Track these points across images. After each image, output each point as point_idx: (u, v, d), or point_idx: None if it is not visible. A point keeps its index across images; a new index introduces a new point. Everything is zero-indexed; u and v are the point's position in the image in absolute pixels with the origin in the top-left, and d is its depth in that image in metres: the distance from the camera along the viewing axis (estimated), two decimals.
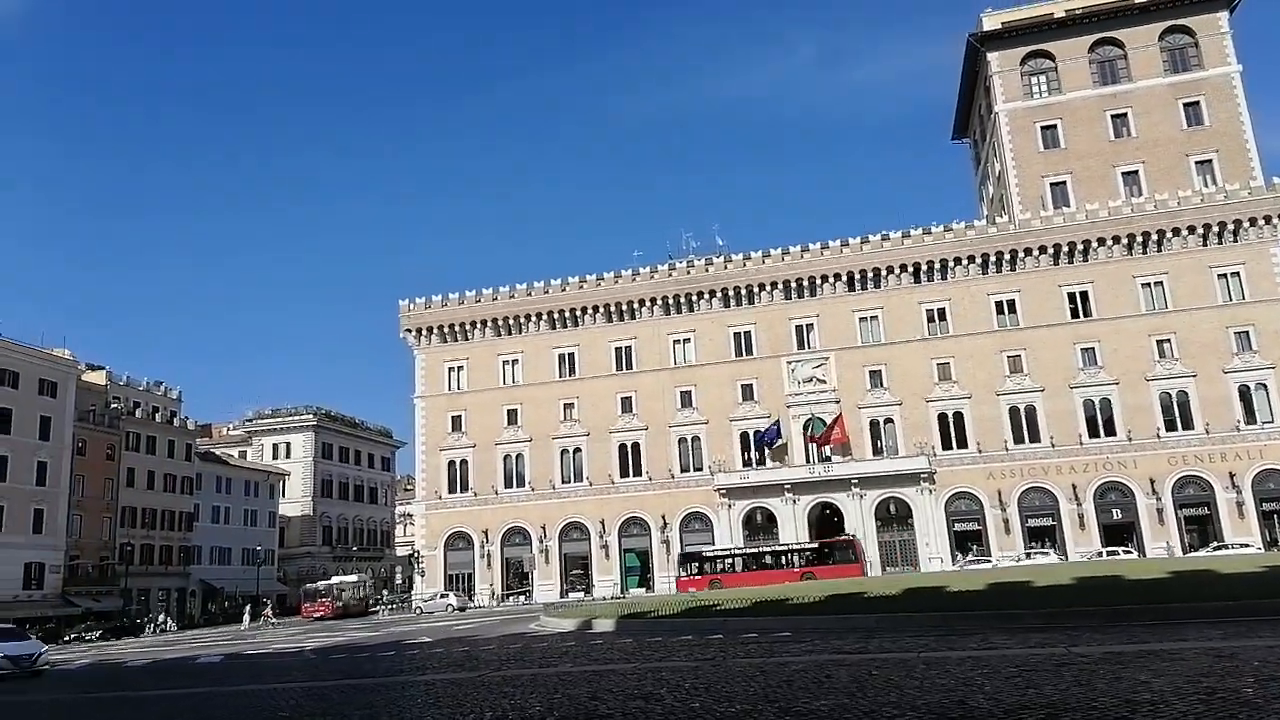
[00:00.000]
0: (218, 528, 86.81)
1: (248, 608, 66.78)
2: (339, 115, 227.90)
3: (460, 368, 72.80)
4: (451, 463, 71.22)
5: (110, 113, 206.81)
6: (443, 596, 62.75)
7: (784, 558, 55.13)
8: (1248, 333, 60.26)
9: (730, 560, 56.34)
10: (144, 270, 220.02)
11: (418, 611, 60.86)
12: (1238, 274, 61.40)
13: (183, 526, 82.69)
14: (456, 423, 71.65)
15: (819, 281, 67.21)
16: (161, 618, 67.21)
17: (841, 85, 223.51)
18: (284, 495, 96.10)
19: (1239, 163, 65.11)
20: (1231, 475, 58.31)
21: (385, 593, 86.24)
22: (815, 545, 56.69)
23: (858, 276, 66.67)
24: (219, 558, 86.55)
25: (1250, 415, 59.31)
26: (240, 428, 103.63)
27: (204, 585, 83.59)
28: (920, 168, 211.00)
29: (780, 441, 64.96)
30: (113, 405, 78.56)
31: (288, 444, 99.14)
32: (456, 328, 72.98)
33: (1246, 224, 61.42)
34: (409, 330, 73.67)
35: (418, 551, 72.46)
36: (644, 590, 63.71)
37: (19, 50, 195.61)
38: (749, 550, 58.12)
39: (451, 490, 70.82)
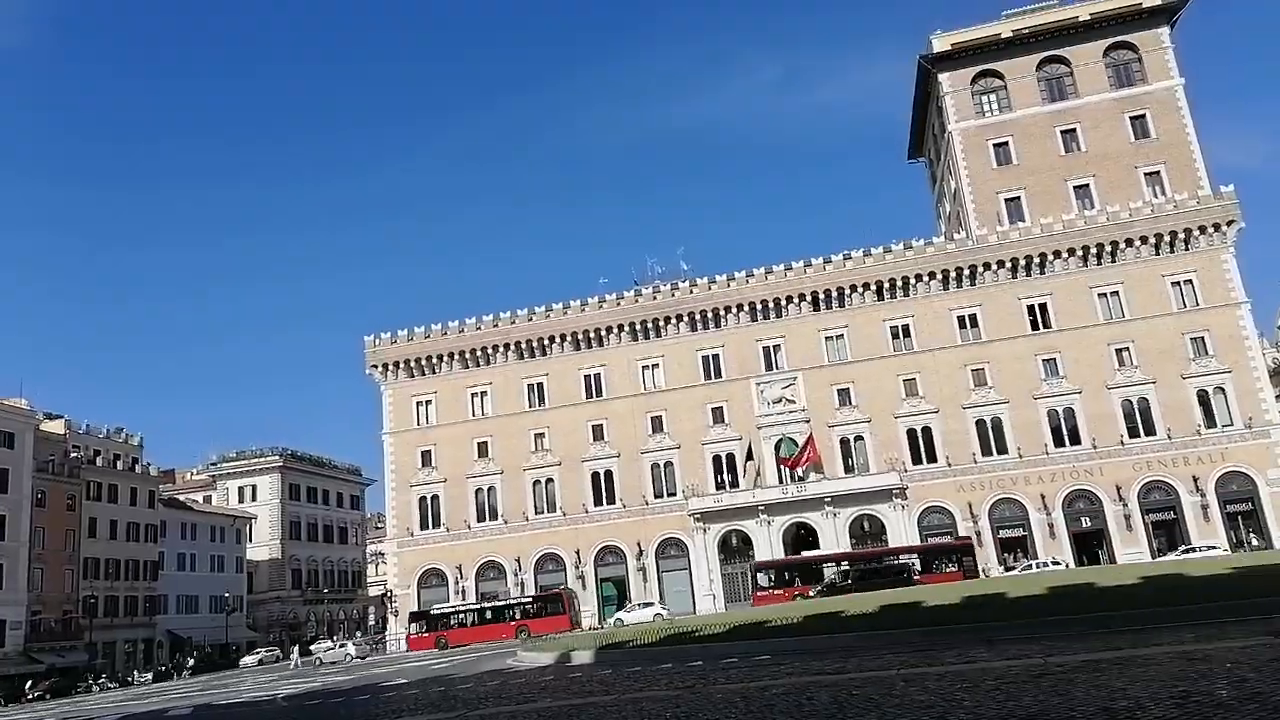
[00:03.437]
0: (184, 575, 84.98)
1: (296, 647, 66.41)
2: (285, 149, 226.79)
3: (429, 402, 72.18)
4: (423, 498, 70.38)
5: (60, 140, 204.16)
6: (341, 646, 63.05)
7: (503, 613, 58.57)
8: (1203, 338, 61.52)
9: (456, 616, 59.27)
10: (102, 311, 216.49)
11: (317, 663, 59.07)
12: (1190, 281, 62.76)
13: (147, 576, 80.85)
14: (426, 458, 70.91)
15: (784, 302, 67.69)
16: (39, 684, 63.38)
17: (802, 107, 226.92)
18: (251, 539, 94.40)
19: (1186, 173, 66.79)
20: (1195, 479, 59.25)
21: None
22: (529, 600, 59.84)
23: (822, 296, 67.26)
24: (186, 606, 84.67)
25: (1210, 419, 60.40)
26: (204, 472, 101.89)
27: (171, 636, 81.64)
28: (881, 186, 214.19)
29: (755, 465, 64.97)
30: (72, 455, 76.92)
31: (253, 486, 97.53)
32: (423, 362, 72.45)
33: (1197, 232, 62.91)
34: (375, 366, 73.00)
35: (390, 590, 71.35)
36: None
37: None
38: (472, 606, 61.47)
39: (423, 526, 69.93)
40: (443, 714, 16.62)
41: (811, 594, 51.13)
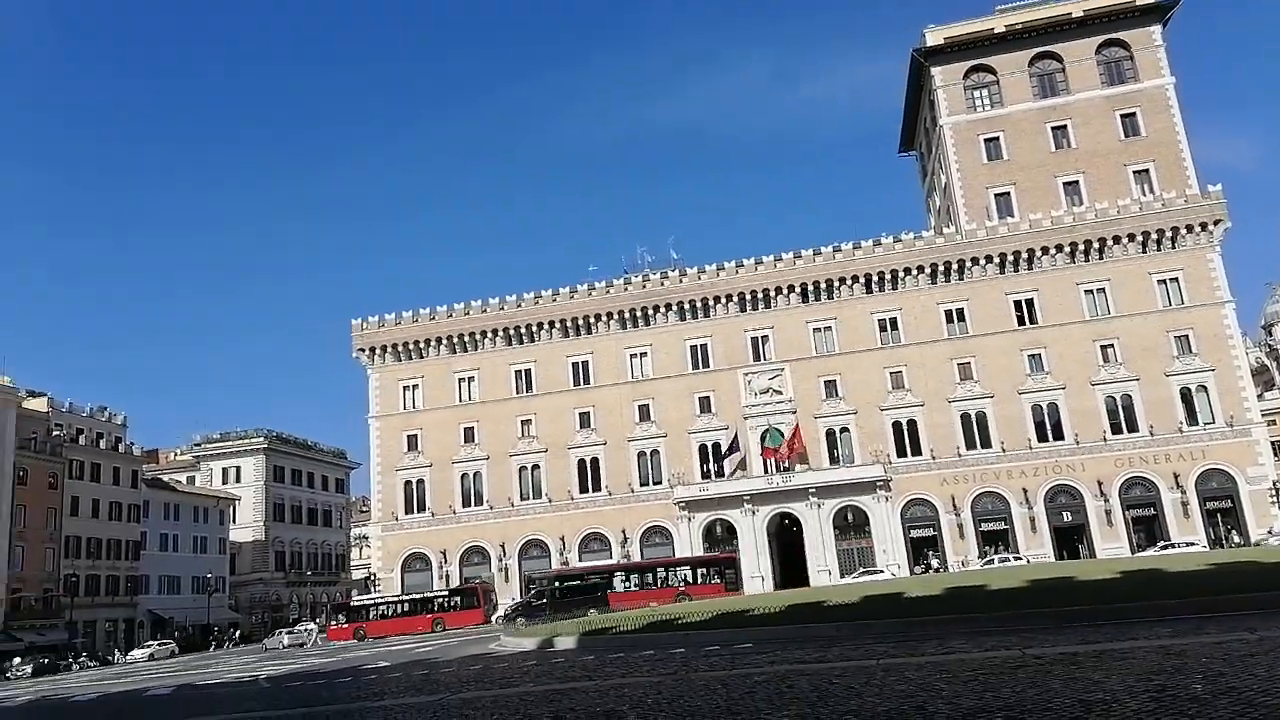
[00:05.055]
0: (166, 556, 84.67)
1: (314, 623, 68.83)
2: (279, 138, 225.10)
3: (415, 386, 72.00)
4: (408, 483, 70.28)
5: (48, 128, 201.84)
6: (278, 635, 64.10)
7: (420, 605, 58.71)
8: (1187, 336, 61.96)
9: (375, 608, 59.75)
10: (88, 295, 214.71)
11: (264, 649, 60.22)
12: (1176, 279, 63.14)
13: (129, 555, 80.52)
14: (412, 442, 70.79)
15: (773, 293, 67.74)
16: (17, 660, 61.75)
17: (795, 101, 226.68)
18: (234, 521, 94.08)
19: (1175, 172, 67.11)
20: (1175, 476, 59.78)
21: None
22: (446, 594, 60.02)
23: (811, 288, 67.32)
24: (168, 587, 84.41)
25: (1192, 417, 60.90)
26: (188, 452, 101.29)
27: (152, 616, 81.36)
28: (872, 180, 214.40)
29: (739, 455, 65.12)
30: (55, 433, 76.39)
31: (238, 468, 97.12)
32: (411, 346, 72.21)
33: (1184, 231, 63.26)
34: (362, 350, 72.72)
35: (374, 574, 71.34)
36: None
37: None
38: (389, 599, 61.51)
39: (408, 511, 69.87)
40: (425, 696, 16.65)
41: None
